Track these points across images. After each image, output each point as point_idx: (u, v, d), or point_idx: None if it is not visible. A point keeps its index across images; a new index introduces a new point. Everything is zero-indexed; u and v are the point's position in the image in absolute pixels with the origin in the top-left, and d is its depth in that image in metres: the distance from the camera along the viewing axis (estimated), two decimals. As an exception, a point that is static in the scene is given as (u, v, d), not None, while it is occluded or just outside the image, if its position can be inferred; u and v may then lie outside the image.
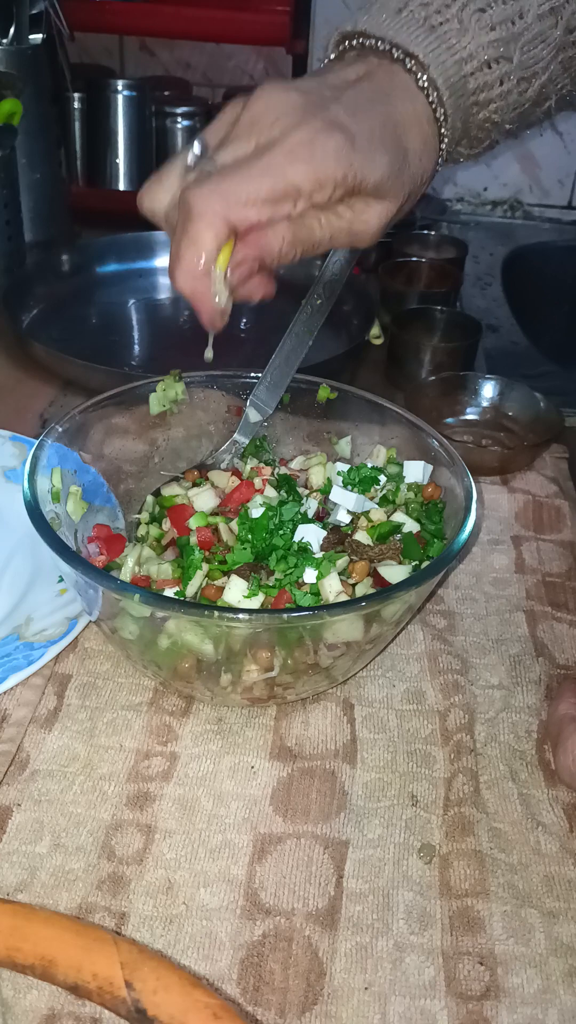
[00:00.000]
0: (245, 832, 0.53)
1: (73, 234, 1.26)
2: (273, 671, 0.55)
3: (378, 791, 0.56)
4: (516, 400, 0.89)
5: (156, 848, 0.52)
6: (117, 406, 0.69)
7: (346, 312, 1.04)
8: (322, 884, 0.50)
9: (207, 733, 0.58)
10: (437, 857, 0.52)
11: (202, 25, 1.25)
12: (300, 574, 0.58)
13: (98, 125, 1.33)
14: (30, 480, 0.58)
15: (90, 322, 1.09)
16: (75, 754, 0.56)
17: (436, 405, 0.88)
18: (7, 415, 0.88)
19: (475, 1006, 0.45)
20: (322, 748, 0.58)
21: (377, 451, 0.69)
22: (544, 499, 0.81)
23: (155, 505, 0.67)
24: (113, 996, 0.34)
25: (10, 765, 0.55)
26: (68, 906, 0.49)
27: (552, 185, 1.46)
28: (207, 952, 0.47)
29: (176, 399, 0.71)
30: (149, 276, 1.18)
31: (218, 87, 1.49)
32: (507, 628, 0.68)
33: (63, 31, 1.15)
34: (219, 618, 0.51)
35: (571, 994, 0.46)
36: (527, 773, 0.57)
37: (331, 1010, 0.45)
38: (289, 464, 0.72)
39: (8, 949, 0.36)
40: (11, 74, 1.08)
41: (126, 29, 1.40)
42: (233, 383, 0.72)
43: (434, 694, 0.62)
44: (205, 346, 0.59)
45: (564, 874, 0.52)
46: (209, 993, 0.34)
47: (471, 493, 0.60)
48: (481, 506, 0.80)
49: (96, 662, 0.63)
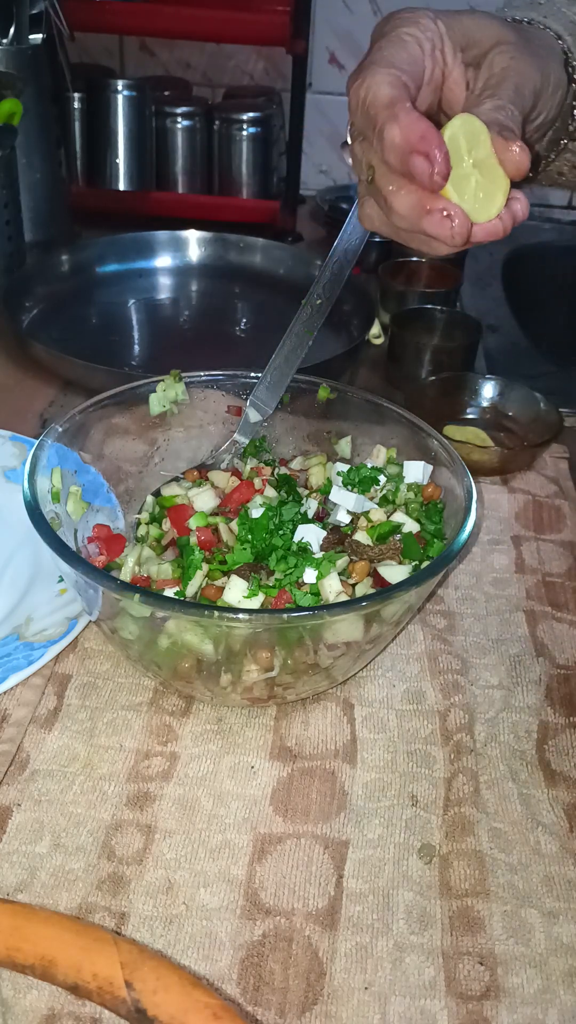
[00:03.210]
0: (245, 832, 0.53)
1: (73, 234, 1.26)
2: (273, 671, 0.55)
3: (378, 791, 0.56)
4: (516, 400, 0.89)
5: (156, 848, 0.52)
6: (117, 406, 0.69)
7: (346, 312, 1.05)
8: (322, 884, 0.50)
9: (207, 733, 0.58)
10: (437, 857, 0.52)
11: (202, 25, 1.25)
12: (300, 574, 0.58)
13: (98, 125, 1.33)
14: (30, 480, 0.58)
15: (90, 322, 1.09)
16: (75, 754, 0.56)
17: (436, 405, 0.88)
18: (7, 415, 0.88)
19: (475, 1006, 0.45)
20: (322, 748, 0.58)
21: (377, 451, 0.69)
22: (544, 499, 0.81)
23: (155, 505, 0.67)
24: (113, 996, 0.34)
25: (10, 765, 0.55)
26: (68, 906, 0.49)
27: (552, 185, 1.46)
28: (207, 952, 0.47)
29: (176, 399, 0.71)
30: (149, 276, 1.18)
31: (218, 87, 1.49)
32: (507, 628, 0.68)
33: (63, 31, 1.15)
34: (219, 618, 0.51)
35: (571, 994, 0.46)
36: (527, 773, 0.57)
37: (331, 1010, 0.45)
38: (289, 464, 0.72)
39: (8, 949, 0.36)
40: (11, 74, 1.07)
41: (126, 29, 1.40)
42: (233, 383, 0.72)
43: (434, 694, 0.62)
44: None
45: (564, 874, 0.52)
46: (209, 993, 0.34)
47: (471, 493, 0.60)
48: (481, 506, 0.80)
49: (96, 662, 0.63)
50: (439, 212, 0.50)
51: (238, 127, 1.38)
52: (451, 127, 0.51)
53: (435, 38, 0.54)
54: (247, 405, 0.69)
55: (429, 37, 0.53)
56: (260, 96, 1.43)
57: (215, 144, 1.40)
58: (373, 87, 0.50)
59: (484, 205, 0.51)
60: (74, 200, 1.28)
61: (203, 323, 1.11)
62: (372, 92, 0.50)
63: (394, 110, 0.49)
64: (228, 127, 1.38)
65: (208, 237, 1.20)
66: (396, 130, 0.48)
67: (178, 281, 1.18)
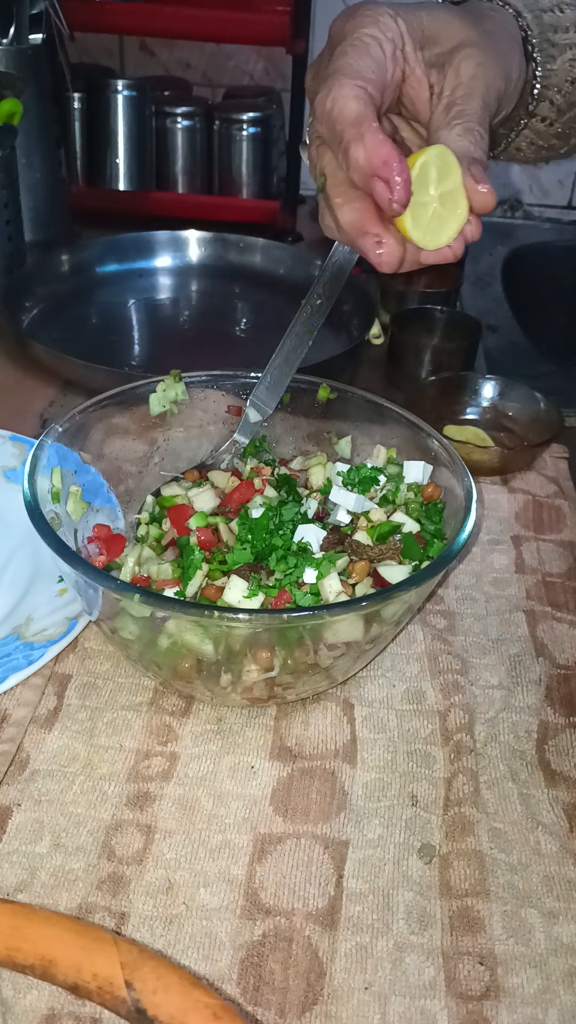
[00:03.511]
0: (245, 832, 0.53)
1: (73, 234, 1.26)
2: (273, 671, 0.55)
3: (378, 791, 0.56)
4: (516, 400, 0.89)
5: (156, 848, 0.52)
6: (117, 406, 0.69)
7: (346, 312, 1.05)
8: (322, 884, 0.50)
9: (207, 733, 0.58)
10: (437, 857, 0.52)
11: (202, 25, 1.25)
12: (300, 574, 0.58)
13: (98, 125, 1.33)
14: (30, 480, 0.58)
15: (90, 322, 1.09)
16: (75, 754, 0.56)
17: (436, 405, 0.88)
18: (7, 415, 0.88)
19: (475, 1006, 0.45)
20: (322, 748, 0.58)
21: (377, 451, 0.69)
22: (544, 499, 0.81)
23: (155, 505, 0.67)
24: (113, 996, 0.34)
25: (10, 765, 0.55)
26: (68, 906, 0.49)
27: (552, 185, 1.46)
28: (207, 952, 0.47)
29: (176, 399, 0.71)
30: (149, 276, 1.18)
31: (218, 87, 1.49)
32: (507, 628, 0.68)
33: (63, 31, 1.15)
34: (219, 618, 0.51)
35: (571, 994, 0.46)
36: (527, 773, 0.57)
37: (331, 1010, 0.45)
38: (289, 464, 0.72)
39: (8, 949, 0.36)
40: (11, 74, 1.07)
41: (126, 29, 1.40)
42: (233, 383, 0.72)
43: (434, 694, 0.62)
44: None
45: (564, 874, 0.52)
46: (209, 993, 0.34)
47: (471, 493, 0.60)
48: (481, 506, 0.80)
49: (96, 662, 0.63)
50: (373, 236, 0.51)
51: (238, 127, 1.38)
52: (426, 155, 0.51)
53: (396, 38, 0.54)
54: (247, 405, 0.69)
55: (390, 38, 0.53)
56: (260, 96, 1.43)
57: (215, 144, 1.40)
58: (340, 101, 0.50)
59: (436, 233, 0.52)
60: (74, 200, 1.28)
61: (203, 323, 1.11)
62: (339, 106, 0.50)
63: (360, 129, 0.49)
64: (228, 127, 1.38)
65: (208, 237, 1.20)
66: (361, 151, 0.49)
67: (178, 281, 1.18)
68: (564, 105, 0.63)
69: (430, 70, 0.55)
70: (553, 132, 0.65)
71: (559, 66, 0.61)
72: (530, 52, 0.60)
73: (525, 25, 0.60)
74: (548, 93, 0.62)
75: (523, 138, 0.65)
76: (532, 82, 0.61)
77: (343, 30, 0.54)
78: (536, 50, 0.60)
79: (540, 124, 0.64)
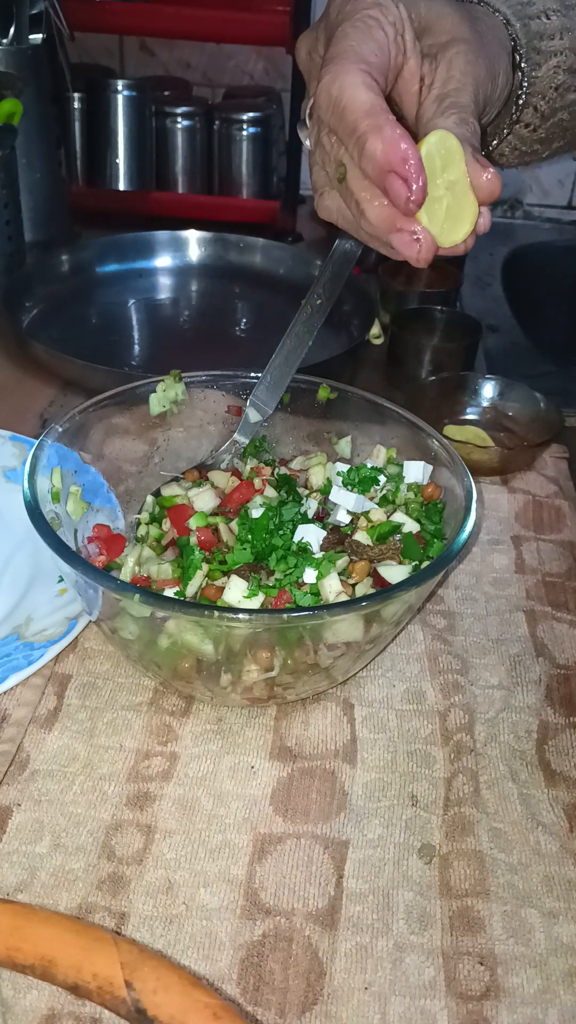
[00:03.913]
0: (245, 832, 0.53)
1: (73, 234, 1.26)
2: (273, 671, 0.55)
3: (378, 791, 0.56)
4: (516, 400, 0.89)
5: (156, 848, 0.52)
6: (117, 406, 0.69)
7: (346, 312, 1.05)
8: (322, 884, 0.50)
9: (207, 733, 0.58)
10: (437, 857, 0.52)
11: (202, 25, 1.25)
12: (300, 574, 0.58)
13: (98, 125, 1.33)
14: (30, 480, 0.58)
15: (90, 322, 1.09)
16: (75, 754, 0.56)
17: (436, 405, 0.88)
18: (7, 415, 0.88)
19: (475, 1006, 0.45)
20: (322, 748, 0.58)
21: (377, 451, 0.69)
22: (544, 499, 0.81)
23: (155, 505, 0.67)
24: (113, 996, 0.34)
25: (10, 765, 0.55)
26: (68, 906, 0.49)
27: (552, 185, 1.46)
28: (207, 952, 0.47)
29: (176, 399, 0.71)
30: (149, 276, 1.18)
31: (218, 87, 1.49)
32: (507, 628, 0.68)
33: (63, 31, 1.15)
34: (219, 618, 0.51)
35: (571, 994, 0.46)
36: (527, 773, 0.57)
37: (331, 1010, 0.45)
38: (289, 464, 0.72)
39: (8, 949, 0.36)
40: (11, 74, 1.07)
41: (126, 29, 1.40)
42: (233, 383, 0.72)
43: (434, 694, 0.62)
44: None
45: (564, 874, 0.52)
46: (209, 993, 0.34)
47: (471, 493, 0.60)
48: (481, 506, 0.80)
49: (96, 662, 0.63)
50: (409, 233, 0.50)
51: (238, 127, 1.38)
52: (427, 144, 0.50)
53: (397, 22, 0.52)
54: (247, 405, 0.69)
55: (392, 21, 0.52)
56: (260, 96, 1.43)
57: (215, 144, 1.40)
58: (348, 88, 0.49)
59: (452, 229, 0.52)
60: (74, 200, 1.28)
61: (203, 323, 1.11)
62: (348, 94, 0.49)
63: (377, 121, 0.48)
64: (228, 127, 1.38)
65: (208, 237, 1.20)
66: (379, 145, 0.48)
67: (178, 281, 1.18)
68: (548, 111, 0.63)
69: (424, 60, 0.54)
70: (536, 137, 0.65)
71: (544, 72, 0.61)
72: (518, 62, 0.60)
73: (514, 34, 0.59)
74: (532, 99, 0.62)
75: (506, 144, 0.65)
76: (518, 91, 0.61)
77: (343, 9, 0.53)
78: (524, 59, 0.60)
79: (524, 130, 0.64)
